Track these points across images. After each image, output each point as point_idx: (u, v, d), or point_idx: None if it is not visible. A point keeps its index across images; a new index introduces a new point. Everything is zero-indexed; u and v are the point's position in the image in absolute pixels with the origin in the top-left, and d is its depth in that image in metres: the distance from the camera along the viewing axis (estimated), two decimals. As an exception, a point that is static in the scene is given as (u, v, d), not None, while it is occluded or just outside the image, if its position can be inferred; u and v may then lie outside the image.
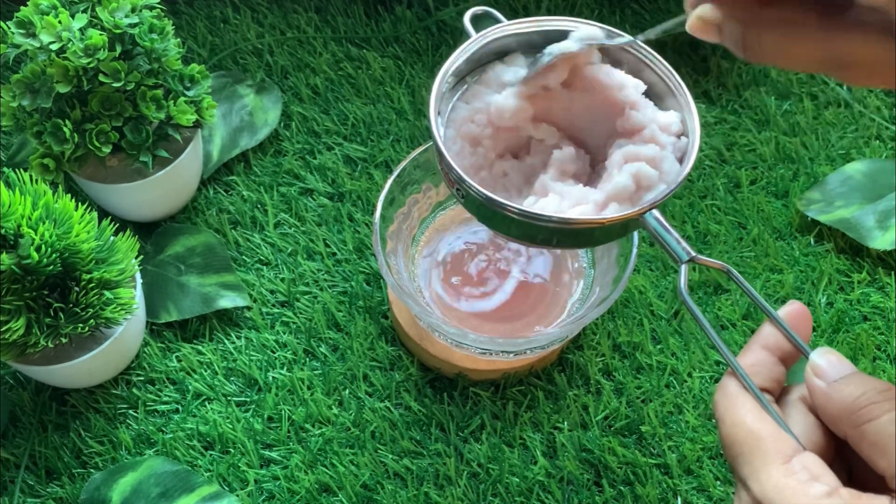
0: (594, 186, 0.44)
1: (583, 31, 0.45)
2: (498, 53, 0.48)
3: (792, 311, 0.37)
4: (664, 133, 0.44)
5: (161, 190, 0.63)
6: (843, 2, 0.32)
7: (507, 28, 0.46)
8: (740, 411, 0.34)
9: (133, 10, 0.56)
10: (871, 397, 0.32)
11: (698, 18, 0.37)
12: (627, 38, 0.45)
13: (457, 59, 0.46)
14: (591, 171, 0.47)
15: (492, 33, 0.46)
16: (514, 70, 0.47)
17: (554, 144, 0.47)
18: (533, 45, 0.47)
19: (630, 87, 0.45)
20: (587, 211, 0.43)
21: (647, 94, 0.46)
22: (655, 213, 0.41)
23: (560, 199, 0.44)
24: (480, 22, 0.47)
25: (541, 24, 0.46)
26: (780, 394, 0.37)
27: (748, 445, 0.33)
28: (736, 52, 0.36)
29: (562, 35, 0.46)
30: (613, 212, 0.43)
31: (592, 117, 0.46)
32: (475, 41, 0.46)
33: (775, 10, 0.34)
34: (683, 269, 0.40)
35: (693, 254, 0.40)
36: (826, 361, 0.34)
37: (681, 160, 0.44)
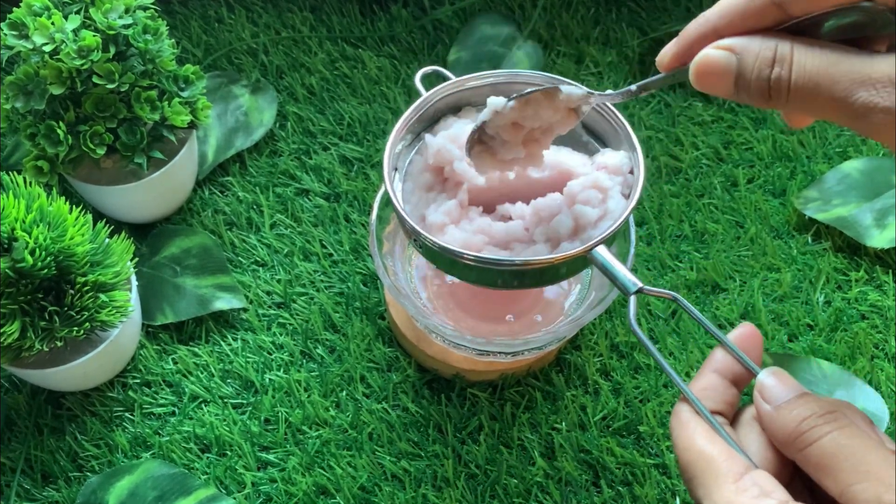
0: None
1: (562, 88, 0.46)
2: (452, 108, 0.50)
3: (742, 333, 0.38)
4: (614, 174, 0.46)
5: (156, 191, 0.62)
6: (861, 25, 0.32)
7: (457, 84, 0.49)
8: (692, 435, 0.35)
9: (127, 11, 0.56)
10: (813, 421, 0.33)
11: (708, 56, 0.34)
12: (604, 93, 0.45)
13: (410, 117, 0.48)
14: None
15: (442, 91, 0.49)
16: (464, 122, 0.49)
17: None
18: (483, 99, 0.50)
19: (579, 166, 0.48)
20: (538, 251, 0.46)
21: (596, 134, 0.49)
22: (601, 248, 0.43)
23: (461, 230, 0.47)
24: (431, 80, 0.50)
25: (490, 78, 0.49)
26: (734, 415, 0.37)
27: (700, 467, 0.34)
28: (755, 93, 0.34)
29: (507, 88, 0.48)
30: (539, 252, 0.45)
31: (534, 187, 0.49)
32: (426, 99, 0.48)
33: (806, 39, 0.32)
34: (632, 300, 0.41)
35: (640, 285, 0.42)
36: (772, 384, 0.35)
37: (629, 195, 0.46)
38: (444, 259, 0.45)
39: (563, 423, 0.59)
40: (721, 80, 0.34)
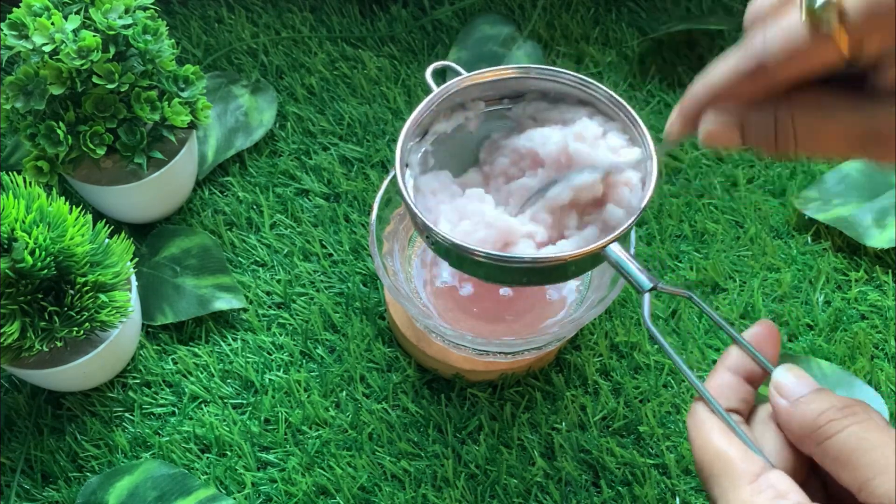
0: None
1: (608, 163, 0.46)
2: (460, 104, 0.50)
3: (759, 331, 0.38)
4: (637, 171, 0.46)
5: (156, 191, 0.62)
6: (861, 75, 0.32)
7: (467, 80, 0.49)
8: (708, 434, 0.35)
9: (126, 12, 0.56)
10: (832, 415, 0.33)
11: (714, 126, 0.35)
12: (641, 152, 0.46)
13: (421, 113, 0.48)
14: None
15: (453, 86, 0.48)
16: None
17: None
18: (494, 94, 0.50)
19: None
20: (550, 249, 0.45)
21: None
22: (615, 246, 0.43)
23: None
24: (442, 75, 0.50)
25: (501, 74, 0.49)
26: (750, 413, 0.37)
27: (716, 467, 0.34)
28: (764, 150, 0.35)
29: (519, 84, 0.49)
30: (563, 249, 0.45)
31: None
32: (437, 94, 0.48)
33: (804, 93, 0.33)
34: (646, 298, 0.41)
35: (655, 283, 0.41)
36: (788, 379, 0.35)
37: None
38: (454, 255, 0.45)
39: (563, 423, 0.59)
40: (730, 142, 0.36)
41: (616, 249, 0.43)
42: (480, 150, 0.51)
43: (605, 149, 0.47)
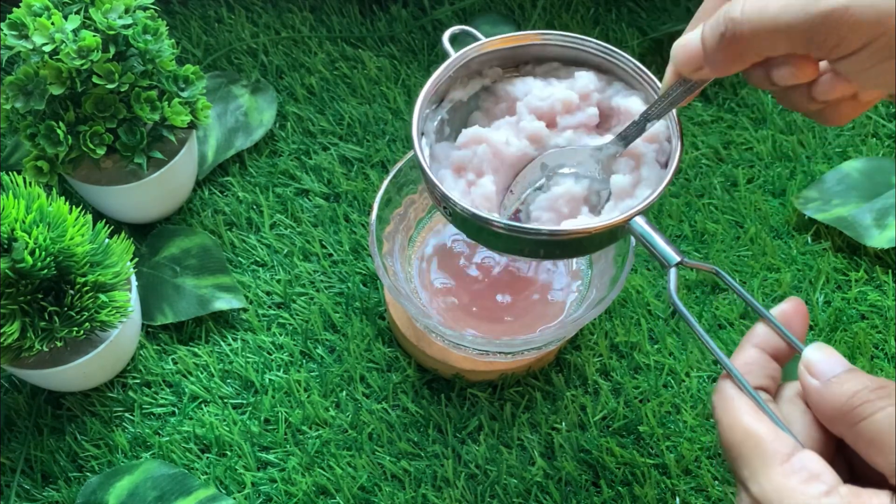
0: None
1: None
2: (477, 70, 0.49)
3: (788, 308, 0.37)
4: (649, 143, 0.45)
5: (156, 191, 0.62)
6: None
7: (486, 46, 0.47)
8: (737, 413, 0.34)
9: (126, 11, 0.56)
10: (865, 396, 0.32)
11: (679, 42, 0.37)
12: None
13: (439, 79, 0.46)
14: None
15: (471, 52, 0.47)
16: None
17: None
18: (511, 61, 0.49)
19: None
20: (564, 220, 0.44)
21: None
22: (640, 218, 0.41)
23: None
24: (459, 40, 0.48)
25: (521, 40, 0.47)
26: (776, 391, 0.36)
27: (746, 447, 0.33)
28: (716, 55, 0.36)
29: (538, 50, 0.47)
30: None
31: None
32: (455, 60, 0.47)
33: None
34: (672, 272, 0.40)
35: (682, 257, 0.40)
36: (819, 358, 0.34)
37: (666, 164, 0.44)
38: (472, 225, 0.44)
39: (563, 423, 0.59)
40: (692, 57, 0.36)
41: (641, 222, 0.41)
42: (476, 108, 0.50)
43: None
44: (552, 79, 0.48)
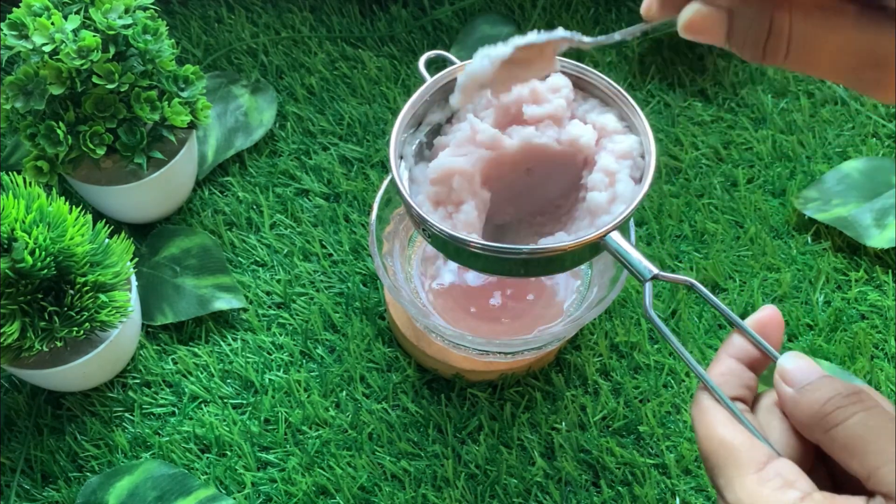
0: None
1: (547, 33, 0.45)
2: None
3: (763, 317, 0.37)
4: (623, 159, 0.45)
5: (156, 191, 0.62)
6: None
7: (460, 69, 0.47)
8: (713, 423, 0.35)
9: (126, 11, 0.56)
10: (838, 402, 0.33)
11: (699, 14, 0.31)
12: (592, 39, 0.44)
13: (415, 103, 0.47)
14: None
15: (446, 76, 0.47)
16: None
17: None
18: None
19: (586, 136, 0.46)
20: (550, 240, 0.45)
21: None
22: (615, 234, 0.42)
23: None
24: (435, 66, 0.49)
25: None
26: (754, 400, 0.37)
27: (722, 456, 0.34)
28: (748, 54, 0.31)
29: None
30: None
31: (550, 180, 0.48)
32: (431, 85, 0.47)
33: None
34: (647, 287, 0.40)
35: (656, 271, 0.41)
36: (794, 366, 0.35)
37: (640, 179, 0.45)
38: (451, 247, 0.45)
39: (563, 423, 0.59)
40: (712, 36, 0.32)
41: (616, 238, 0.42)
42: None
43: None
44: None
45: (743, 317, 0.63)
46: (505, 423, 0.59)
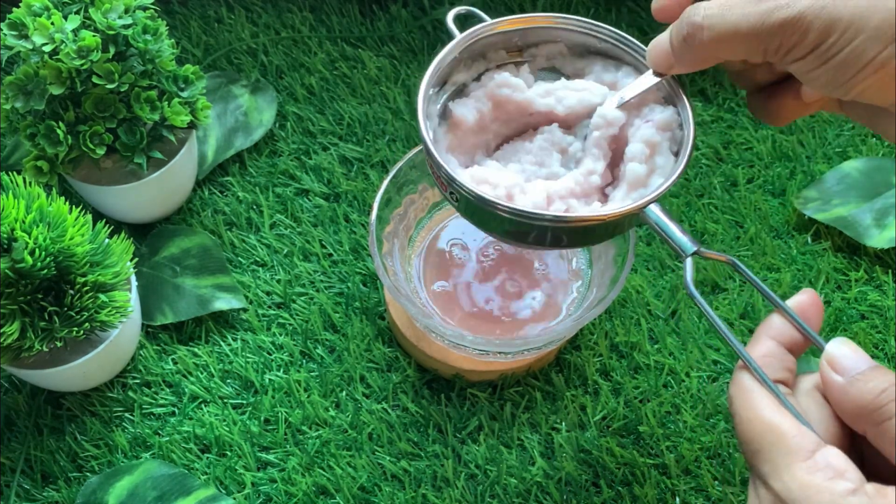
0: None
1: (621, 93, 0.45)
2: (482, 53, 0.47)
3: (804, 300, 0.36)
4: (662, 130, 0.44)
5: (156, 191, 0.62)
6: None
7: (491, 27, 0.46)
8: (757, 406, 0.33)
9: (126, 11, 0.56)
10: (892, 394, 0.31)
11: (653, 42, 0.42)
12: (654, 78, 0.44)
13: (442, 60, 0.45)
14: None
15: (476, 33, 0.46)
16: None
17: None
18: (516, 44, 0.48)
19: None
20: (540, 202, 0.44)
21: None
22: (655, 207, 0.40)
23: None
24: (465, 22, 0.47)
25: (524, 23, 0.46)
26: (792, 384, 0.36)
27: (767, 441, 0.32)
28: (681, 54, 0.40)
29: (546, 33, 0.47)
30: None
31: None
32: (460, 42, 0.46)
33: None
34: (689, 262, 0.39)
35: (698, 247, 0.39)
36: (843, 354, 0.33)
37: (677, 153, 0.44)
38: (477, 210, 0.42)
39: (563, 423, 0.59)
40: (663, 56, 0.41)
41: (657, 210, 0.40)
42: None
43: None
44: (556, 73, 0.48)
45: (743, 317, 0.63)
46: (505, 423, 0.59)
